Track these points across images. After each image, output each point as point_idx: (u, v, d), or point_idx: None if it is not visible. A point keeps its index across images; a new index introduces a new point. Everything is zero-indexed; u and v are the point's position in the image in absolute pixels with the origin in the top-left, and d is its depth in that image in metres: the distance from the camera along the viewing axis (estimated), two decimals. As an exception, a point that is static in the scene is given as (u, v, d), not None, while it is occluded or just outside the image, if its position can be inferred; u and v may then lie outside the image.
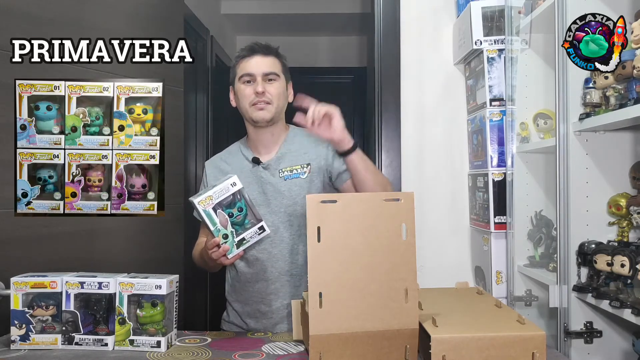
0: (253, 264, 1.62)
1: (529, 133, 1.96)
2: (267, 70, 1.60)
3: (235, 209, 1.36)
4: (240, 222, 1.37)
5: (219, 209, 1.35)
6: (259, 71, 1.59)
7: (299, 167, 1.63)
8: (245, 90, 1.61)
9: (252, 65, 1.60)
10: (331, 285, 1.11)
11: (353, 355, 1.12)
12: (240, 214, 1.36)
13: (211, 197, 1.34)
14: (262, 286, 1.61)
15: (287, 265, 1.60)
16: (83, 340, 1.29)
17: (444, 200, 2.29)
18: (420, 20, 2.33)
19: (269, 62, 1.61)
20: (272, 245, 1.60)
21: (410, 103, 2.31)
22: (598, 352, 1.57)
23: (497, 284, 1.98)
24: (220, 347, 1.32)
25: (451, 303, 1.32)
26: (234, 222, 1.36)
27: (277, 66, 1.63)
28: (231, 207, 1.36)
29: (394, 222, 1.14)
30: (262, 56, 1.61)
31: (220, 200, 1.35)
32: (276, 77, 1.61)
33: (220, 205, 1.35)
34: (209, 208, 1.34)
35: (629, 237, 1.53)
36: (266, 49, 1.63)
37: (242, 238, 1.36)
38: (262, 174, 1.62)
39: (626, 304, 1.35)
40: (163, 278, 1.29)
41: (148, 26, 1.94)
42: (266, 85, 1.59)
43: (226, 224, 1.35)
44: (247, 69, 1.61)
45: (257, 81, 1.59)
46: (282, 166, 1.63)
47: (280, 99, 1.62)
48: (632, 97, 1.37)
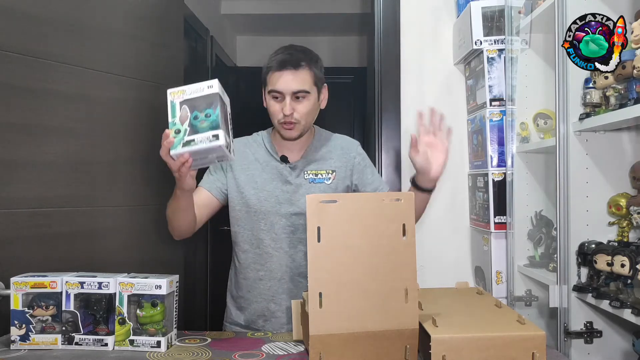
0: (267, 262, 1.61)
1: (529, 133, 1.96)
2: (296, 88, 1.53)
3: (203, 113, 1.27)
4: (204, 129, 1.26)
5: (185, 105, 1.26)
6: (288, 90, 1.53)
7: (325, 173, 1.63)
8: (275, 107, 1.57)
9: (281, 83, 1.53)
10: (331, 285, 1.11)
11: (353, 355, 1.12)
12: (205, 120, 1.26)
13: (184, 91, 1.27)
14: (275, 285, 1.61)
15: (302, 267, 1.59)
16: (83, 340, 1.29)
17: (444, 200, 2.29)
18: (420, 20, 2.33)
19: (299, 79, 1.54)
20: (290, 245, 1.60)
21: (410, 103, 2.31)
22: (598, 352, 1.57)
23: (497, 284, 1.98)
24: (220, 347, 1.31)
25: (451, 303, 1.32)
26: (196, 125, 1.26)
27: (308, 81, 1.55)
28: (201, 110, 1.27)
29: (394, 222, 1.14)
30: (293, 71, 1.53)
31: (193, 98, 1.27)
32: (306, 95, 1.55)
33: (191, 105, 1.26)
34: (176, 100, 1.27)
35: (629, 237, 1.53)
36: (297, 62, 1.54)
37: (192, 140, 1.26)
38: (288, 173, 1.62)
39: (626, 304, 1.35)
40: (163, 278, 1.29)
41: (148, 26, 1.94)
42: (295, 105, 1.55)
43: (185, 120, 1.26)
44: (275, 85, 1.54)
45: (285, 101, 1.54)
46: (308, 168, 1.63)
47: (309, 116, 1.59)
48: (632, 97, 1.37)
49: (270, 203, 1.61)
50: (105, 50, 1.80)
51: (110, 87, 1.80)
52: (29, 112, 1.59)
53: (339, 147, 1.68)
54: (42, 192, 1.62)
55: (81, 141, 1.72)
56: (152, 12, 1.96)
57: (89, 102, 1.74)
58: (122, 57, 1.84)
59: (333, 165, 1.65)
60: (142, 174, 1.89)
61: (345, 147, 1.69)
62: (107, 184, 1.79)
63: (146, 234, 1.88)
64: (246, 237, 1.64)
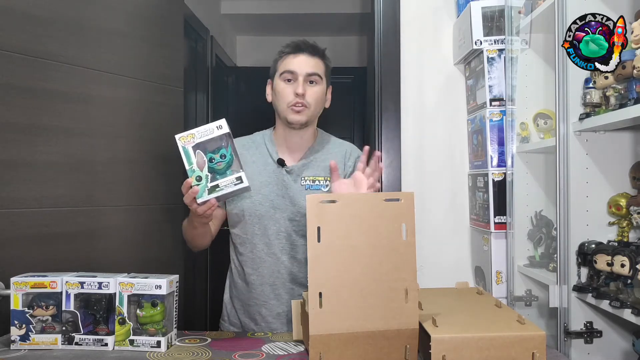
0: (259, 266, 1.61)
1: (529, 133, 1.96)
2: (310, 70, 1.55)
3: (218, 154, 1.28)
4: (222, 170, 1.28)
5: (199, 150, 1.27)
6: (302, 71, 1.55)
7: (322, 179, 1.61)
8: (285, 90, 1.56)
9: (296, 63, 1.55)
10: (331, 285, 1.11)
11: (353, 355, 1.12)
12: (222, 161, 1.28)
13: (193, 135, 1.27)
14: (266, 290, 1.61)
15: (293, 273, 1.59)
16: (83, 340, 1.29)
17: (444, 200, 2.29)
18: (420, 20, 2.33)
19: (314, 62, 1.57)
20: (282, 252, 1.59)
21: (410, 103, 2.31)
22: (598, 352, 1.57)
23: (497, 284, 1.98)
24: (220, 347, 1.31)
25: (451, 303, 1.32)
26: (214, 168, 1.27)
27: (321, 68, 1.59)
28: (214, 153, 1.28)
29: (394, 222, 1.14)
30: (309, 56, 1.57)
31: (204, 141, 1.27)
32: (318, 80, 1.57)
33: (202, 147, 1.27)
34: (188, 146, 1.27)
35: (629, 237, 1.53)
36: (313, 49, 1.58)
37: (217, 185, 1.27)
38: (285, 177, 1.61)
39: (626, 304, 1.35)
40: (163, 278, 1.29)
41: (148, 26, 1.94)
42: (307, 87, 1.55)
43: (203, 166, 1.27)
44: (290, 66, 1.56)
45: (298, 81, 1.55)
46: (305, 174, 1.61)
47: (318, 103, 1.59)
48: (632, 97, 1.37)
49: (265, 207, 1.59)
50: (105, 50, 1.79)
51: (110, 87, 1.80)
52: (29, 112, 1.59)
53: (340, 155, 1.66)
54: (42, 192, 1.62)
55: (81, 141, 1.72)
56: (152, 12, 1.96)
57: (89, 102, 1.74)
58: (122, 57, 1.84)
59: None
60: (142, 174, 1.88)
61: (345, 155, 1.67)
62: (107, 184, 1.79)
63: (146, 234, 1.88)
64: (241, 241, 1.64)
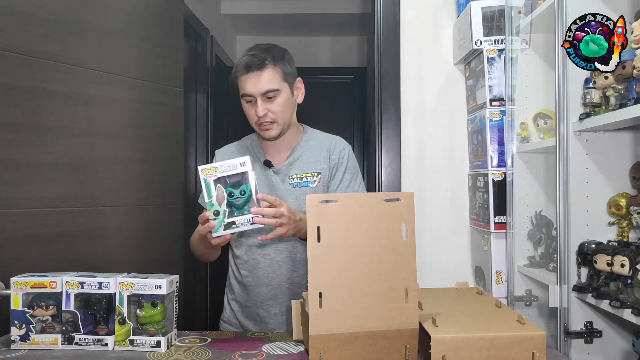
0: (254, 268, 1.61)
1: (529, 133, 1.96)
2: (264, 88, 1.52)
3: (238, 190, 1.29)
4: (240, 205, 1.30)
5: (220, 184, 1.28)
6: (256, 92, 1.52)
7: (310, 176, 1.60)
8: (249, 111, 1.56)
9: (249, 85, 1.53)
10: (331, 285, 1.11)
11: (353, 355, 1.12)
12: (241, 197, 1.29)
13: (216, 169, 1.28)
14: (263, 291, 1.61)
15: (289, 273, 1.59)
16: (83, 340, 1.29)
17: (444, 200, 2.29)
18: (420, 20, 2.33)
19: (265, 78, 1.52)
20: (276, 252, 1.59)
21: (410, 103, 2.31)
22: (598, 352, 1.57)
23: (497, 284, 1.97)
24: (220, 347, 1.31)
25: (451, 303, 1.32)
26: (233, 203, 1.29)
27: (276, 78, 1.54)
28: (234, 187, 1.29)
29: (394, 222, 1.14)
30: (258, 72, 1.52)
31: (225, 176, 1.28)
32: (276, 93, 1.54)
33: (223, 182, 1.28)
34: (210, 179, 1.28)
35: (629, 237, 1.53)
36: (260, 62, 1.52)
37: (233, 222, 1.29)
38: (273, 178, 1.61)
39: (626, 304, 1.35)
40: (163, 278, 1.29)
41: (148, 26, 1.94)
42: (267, 105, 1.53)
43: (222, 201, 1.28)
44: (245, 89, 1.54)
45: (257, 103, 1.53)
46: (292, 172, 1.61)
47: (285, 112, 1.57)
48: (632, 97, 1.37)
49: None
50: (106, 50, 1.80)
51: (110, 87, 1.80)
52: (29, 112, 1.59)
53: (325, 149, 1.64)
54: (42, 192, 1.62)
55: (81, 141, 1.72)
56: (152, 12, 1.96)
57: (89, 102, 1.75)
58: (122, 57, 1.84)
59: (319, 167, 1.61)
60: (142, 174, 1.89)
61: (330, 149, 1.64)
62: (107, 184, 1.79)
63: (146, 234, 1.89)
64: (237, 244, 1.65)
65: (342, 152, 1.65)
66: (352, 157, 1.67)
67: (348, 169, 1.64)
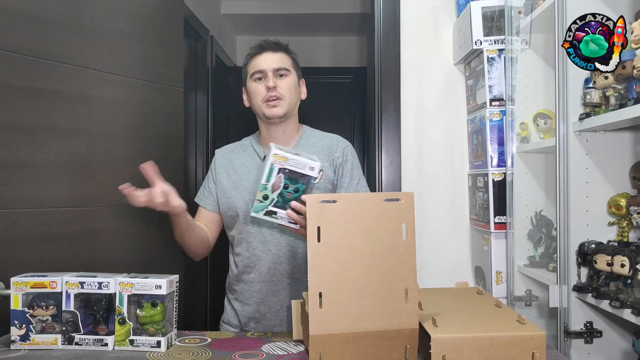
0: (256, 264, 1.61)
1: (529, 133, 1.96)
2: (277, 65, 1.60)
3: (294, 186, 1.32)
4: (288, 199, 1.33)
5: (281, 174, 1.30)
6: (269, 67, 1.60)
7: None
8: (258, 88, 1.61)
9: (261, 61, 1.61)
10: (331, 285, 1.11)
11: (353, 355, 1.12)
12: (293, 194, 1.32)
13: (287, 160, 1.30)
14: (264, 287, 1.61)
15: (290, 268, 1.59)
16: (83, 340, 1.29)
17: (444, 200, 2.29)
18: (420, 20, 2.33)
19: (278, 57, 1.62)
20: (277, 248, 1.60)
21: (410, 103, 2.31)
22: (598, 352, 1.57)
23: (497, 284, 1.98)
24: (220, 347, 1.32)
25: (451, 303, 1.32)
26: (283, 195, 1.32)
27: (288, 61, 1.64)
28: (292, 182, 1.32)
29: (394, 222, 1.14)
30: (272, 52, 1.62)
31: (291, 170, 1.31)
32: (287, 72, 1.62)
33: (287, 173, 1.31)
34: (276, 166, 1.31)
35: (629, 237, 1.53)
36: (275, 45, 1.64)
37: (275, 212, 1.33)
38: None
39: (626, 304, 1.35)
40: (163, 278, 1.29)
41: (148, 26, 1.94)
42: (277, 81, 1.60)
43: (276, 189, 1.31)
44: (257, 65, 1.61)
45: (268, 77, 1.59)
46: None
47: (292, 93, 1.62)
48: (632, 97, 1.37)
49: None
50: (105, 50, 1.79)
51: (110, 87, 1.80)
52: (29, 112, 1.59)
53: (326, 147, 1.67)
54: (42, 192, 1.62)
55: (81, 141, 1.72)
56: (152, 12, 1.96)
57: (89, 102, 1.74)
58: (122, 57, 1.84)
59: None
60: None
61: (332, 147, 1.67)
62: (107, 184, 1.79)
63: (146, 234, 1.88)
64: (238, 241, 1.65)
65: (346, 150, 1.68)
66: (355, 153, 1.71)
67: (354, 166, 1.68)
